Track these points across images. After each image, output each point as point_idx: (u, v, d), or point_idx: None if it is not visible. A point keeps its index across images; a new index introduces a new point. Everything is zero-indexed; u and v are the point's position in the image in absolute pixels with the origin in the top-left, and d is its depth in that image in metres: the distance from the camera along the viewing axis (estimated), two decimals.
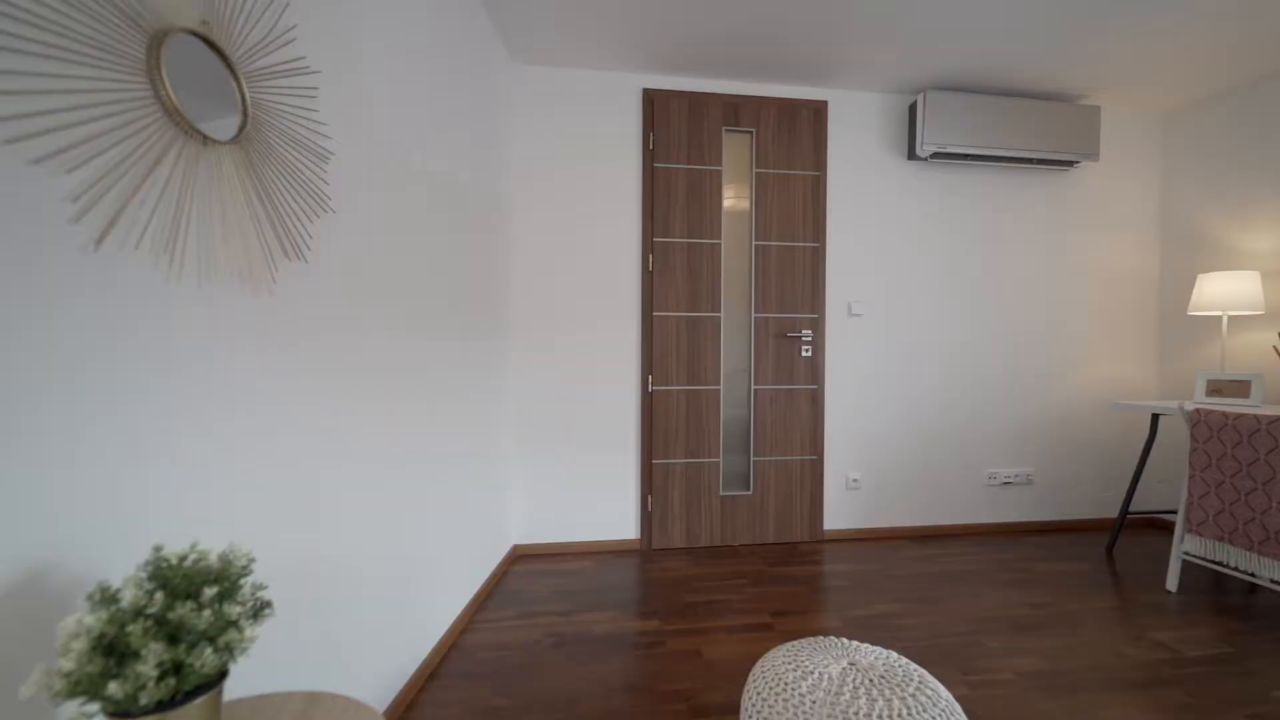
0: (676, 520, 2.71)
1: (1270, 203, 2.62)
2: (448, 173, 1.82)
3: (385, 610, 1.43)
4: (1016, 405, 3.01)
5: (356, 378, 1.29)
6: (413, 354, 1.58)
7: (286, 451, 1.06)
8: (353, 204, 1.27)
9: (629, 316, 2.69)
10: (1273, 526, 1.90)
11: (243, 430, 0.95)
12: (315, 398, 1.14)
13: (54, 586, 0.66)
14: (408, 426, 1.54)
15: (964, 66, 2.59)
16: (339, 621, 1.23)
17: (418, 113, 1.60)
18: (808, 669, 1.16)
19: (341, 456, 1.23)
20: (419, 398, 1.61)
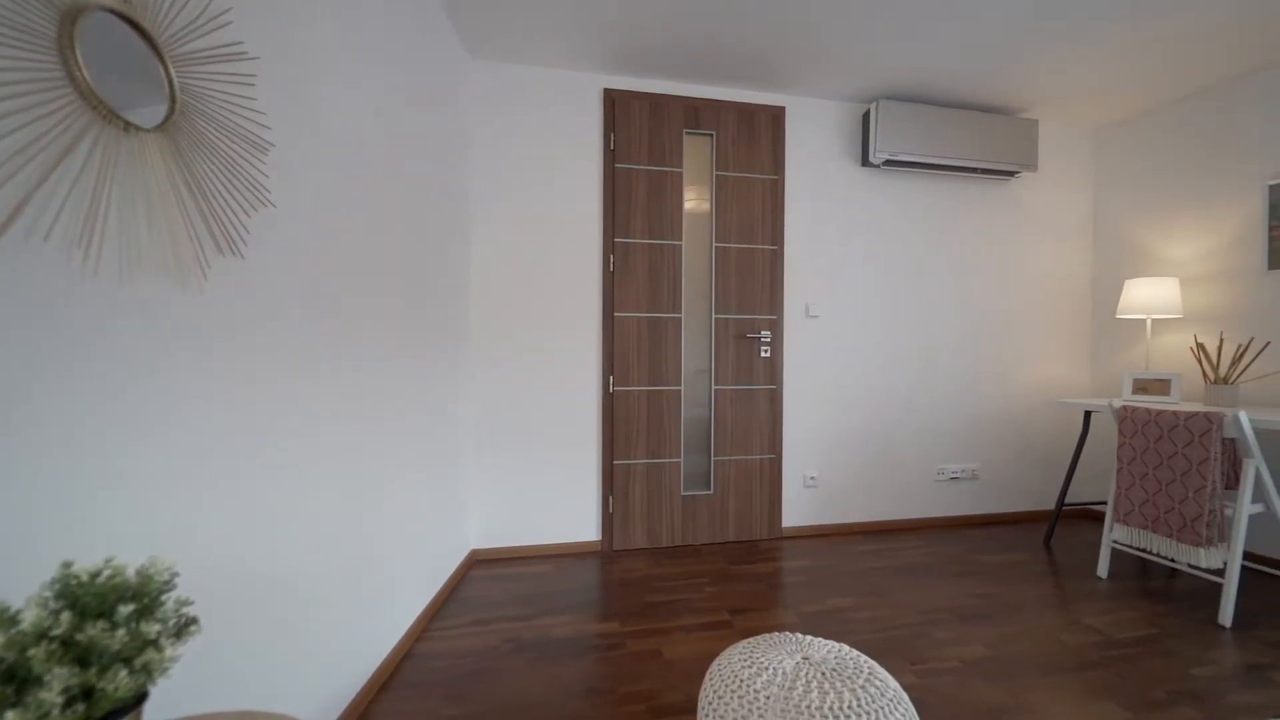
0: (638, 521, 2.71)
1: (1187, 214, 2.83)
2: (402, 168, 1.77)
3: (334, 621, 1.37)
4: (963, 404, 3.14)
5: (300, 380, 1.24)
6: (363, 355, 1.52)
7: (220, 461, 1.00)
8: (297, 198, 1.22)
9: (590, 317, 2.68)
10: (1189, 515, 2.04)
11: (171, 437, 0.89)
12: (252, 401, 1.08)
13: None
14: (357, 431, 1.49)
15: (914, 78, 2.69)
16: (285, 634, 1.17)
17: (369, 105, 1.55)
18: (762, 665, 1.17)
19: (282, 464, 1.18)
20: (369, 401, 1.56)
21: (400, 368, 1.77)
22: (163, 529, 0.88)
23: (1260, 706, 1.51)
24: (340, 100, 1.40)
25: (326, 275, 1.34)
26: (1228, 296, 2.66)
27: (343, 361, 1.42)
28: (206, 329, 0.96)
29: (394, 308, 1.72)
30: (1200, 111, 2.77)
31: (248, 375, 1.07)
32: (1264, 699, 1.54)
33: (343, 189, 1.41)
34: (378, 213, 1.61)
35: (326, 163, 1.34)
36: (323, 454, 1.33)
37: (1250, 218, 2.58)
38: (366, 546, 1.55)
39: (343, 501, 1.42)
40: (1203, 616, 2.02)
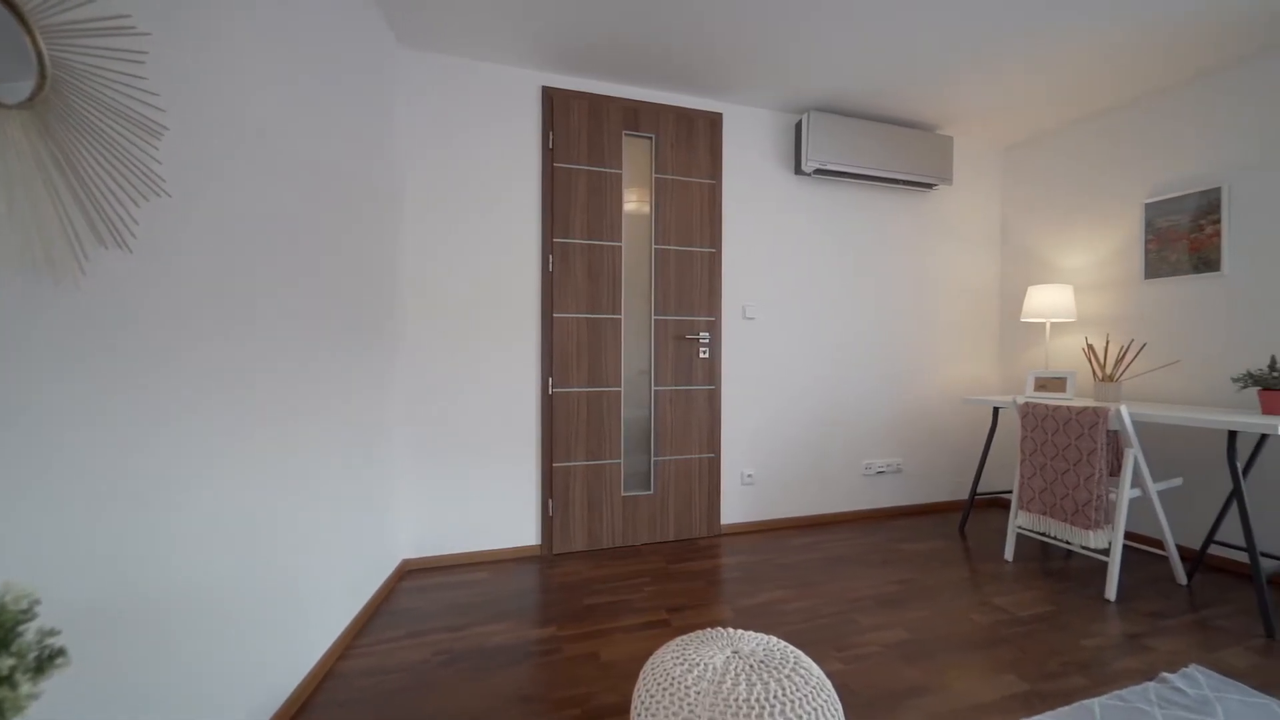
0: (578, 523, 2.69)
1: (1080, 227, 3.12)
2: (323, 159, 1.67)
3: (240, 645, 1.28)
4: (888, 401, 3.32)
5: (200, 383, 1.14)
6: (276, 356, 1.43)
7: (90, 475, 0.91)
8: (197, 187, 1.12)
9: (528, 317, 2.63)
10: (1080, 501, 2.25)
11: (36, 445, 0.80)
12: (134, 405, 0.99)
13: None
14: (268, 439, 1.39)
15: (843, 93, 2.82)
16: (176, 663, 1.08)
17: (283, 90, 1.45)
18: (693, 661, 1.19)
19: (169, 476, 1.09)
20: (283, 406, 1.46)
21: (321, 369, 1.67)
22: (17, 552, 0.79)
23: (1137, 671, 1.68)
24: (249, 83, 1.31)
25: (234, 271, 1.25)
26: (1113, 302, 2.95)
27: (252, 363, 1.32)
28: (83, 329, 0.87)
29: (314, 306, 1.62)
30: (1091, 136, 3.07)
31: (133, 378, 0.98)
32: (1141, 664, 1.72)
33: (253, 179, 1.32)
34: (294, 206, 1.51)
35: (233, 150, 1.25)
36: (221, 463, 1.23)
37: (1131, 232, 2.87)
38: (280, 562, 1.45)
39: (248, 514, 1.33)
40: (1092, 592, 2.23)
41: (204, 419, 1.15)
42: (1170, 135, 2.70)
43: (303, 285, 1.56)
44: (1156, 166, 2.76)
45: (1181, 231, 2.65)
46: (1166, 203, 2.70)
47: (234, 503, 1.26)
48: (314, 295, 1.63)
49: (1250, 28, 2.23)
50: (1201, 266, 2.58)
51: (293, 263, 1.50)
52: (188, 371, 1.10)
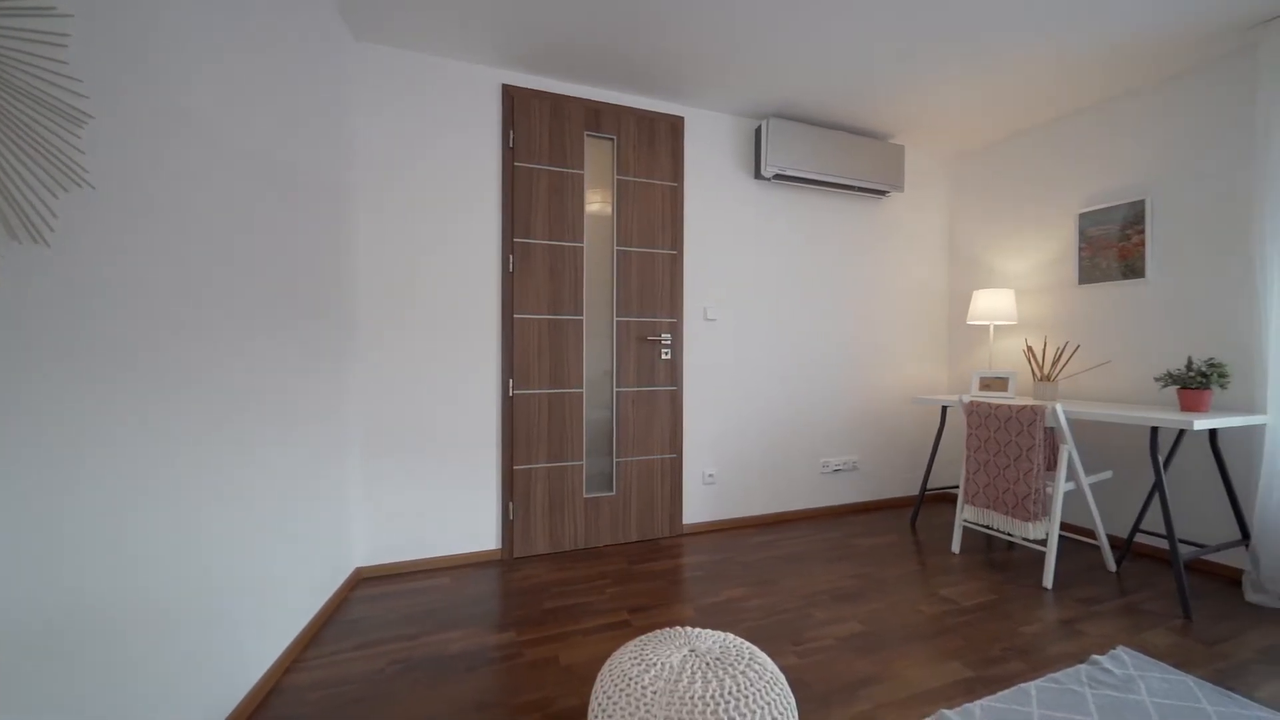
0: (540, 526, 2.67)
1: (1021, 235, 3.29)
2: (270, 153, 1.61)
3: (171, 664, 1.21)
4: (844, 401, 3.42)
5: (135, 386, 1.08)
6: (216, 356, 1.36)
7: (16, 481, 0.85)
8: (127, 179, 1.06)
9: (488, 317, 2.60)
10: (1020, 494, 2.37)
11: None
12: (62, 412, 0.93)
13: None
14: (208, 445, 1.33)
15: (801, 101, 2.90)
16: (92, 687, 1.02)
17: (228, 81, 1.39)
18: (651, 661, 1.20)
19: (108, 485, 1.02)
20: (225, 410, 1.40)
21: (268, 372, 1.60)
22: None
23: (1070, 654, 1.78)
24: (185, 71, 1.25)
25: (169, 267, 1.18)
26: (1050, 306, 3.12)
27: (191, 366, 1.26)
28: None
29: (261, 305, 1.56)
30: (1031, 147, 3.24)
31: (53, 375, 0.92)
32: (1074, 647, 1.82)
33: (189, 173, 1.26)
34: (238, 201, 1.45)
35: (168, 142, 1.18)
36: (155, 472, 1.17)
37: (1067, 240, 3.04)
38: (219, 574, 1.39)
39: (183, 524, 1.26)
40: (1031, 581, 2.35)
41: (135, 426, 1.09)
42: (1102, 149, 2.88)
43: (248, 283, 1.49)
44: (1090, 178, 2.94)
45: (1111, 240, 2.83)
46: (1098, 213, 2.88)
47: (168, 514, 1.19)
48: (261, 293, 1.56)
49: (1175, 50, 2.40)
50: (1129, 273, 2.76)
51: (238, 259, 1.44)
52: (120, 377, 1.04)
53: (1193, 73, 2.53)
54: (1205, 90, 2.49)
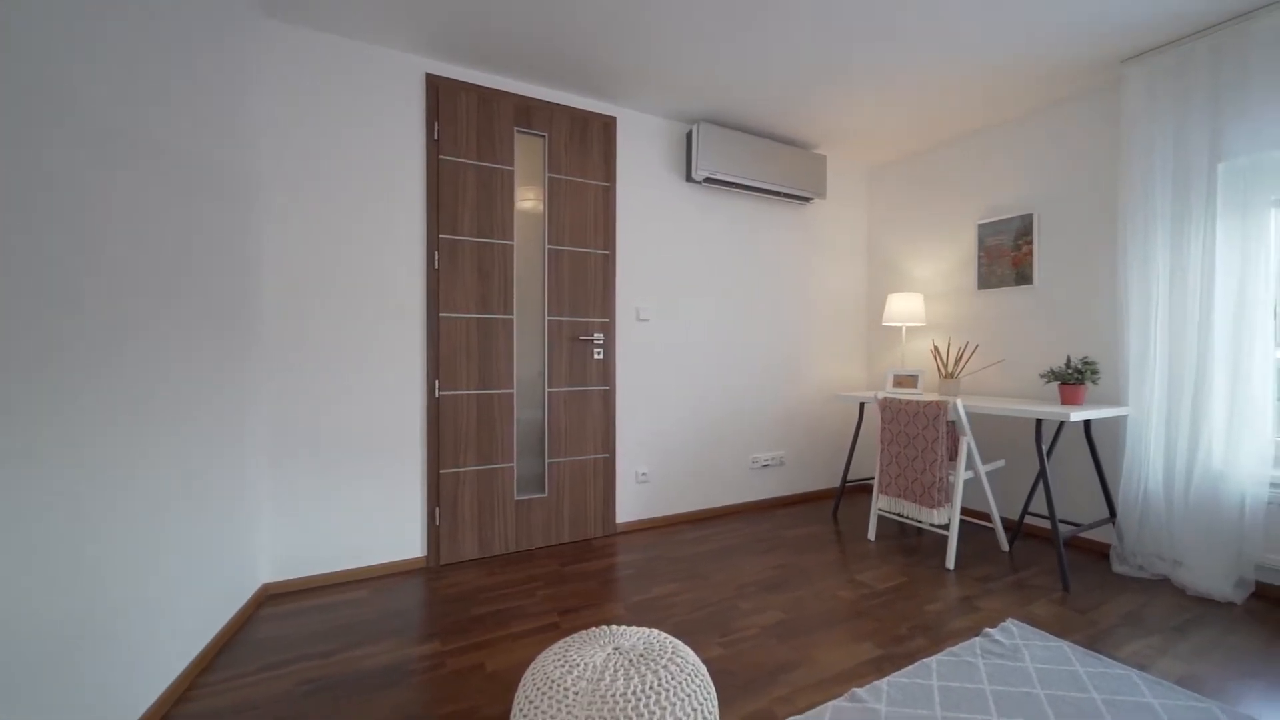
0: (468, 531, 2.59)
1: (930, 242, 3.54)
2: (153, 135, 1.46)
3: (47, 696, 1.08)
4: (772, 398, 3.55)
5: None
6: (77, 361, 1.22)
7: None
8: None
9: (412, 317, 2.49)
10: (926, 483, 2.55)
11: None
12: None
13: None
14: (78, 458, 1.19)
15: (730, 108, 2.98)
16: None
17: (100, 52, 1.25)
18: (574, 662, 1.19)
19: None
20: (102, 416, 1.26)
21: (157, 374, 1.46)
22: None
23: (967, 629, 1.94)
24: (47, 39, 1.11)
25: (20, 258, 1.05)
26: (954, 309, 3.39)
27: (37, 370, 1.12)
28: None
29: (141, 302, 1.41)
30: (939, 161, 3.49)
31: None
32: (970, 622, 1.99)
33: (45, 155, 1.12)
34: (109, 187, 1.31)
35: (18, 114, 1.05)
36: (30, 492, 1.04)
37: (968, 248, 3.31)
38: (91, 597, 1.25)
39: (55, 541, 1.13)
40: (936, 563, 2.54)
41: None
42: (999, 165, 3.16)
43: (130, 276, 1.35)
44: (988, 192, 3.21)
45: (1006, 249, 3.11)
46: (995, 224, 3.15)
47: (40, 534, 1.06)
48: (143, 291, 1.42)
49: (1057, 79, 2.66)
50: (1020, 280, 3.03)
51: (121, 252, 1.30)
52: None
53: (1073, 100, 2.82)
54: (1082, 117, 2.78)
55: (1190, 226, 2.27)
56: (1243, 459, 2.14)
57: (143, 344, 1.42)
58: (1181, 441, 2.30)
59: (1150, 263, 2.38)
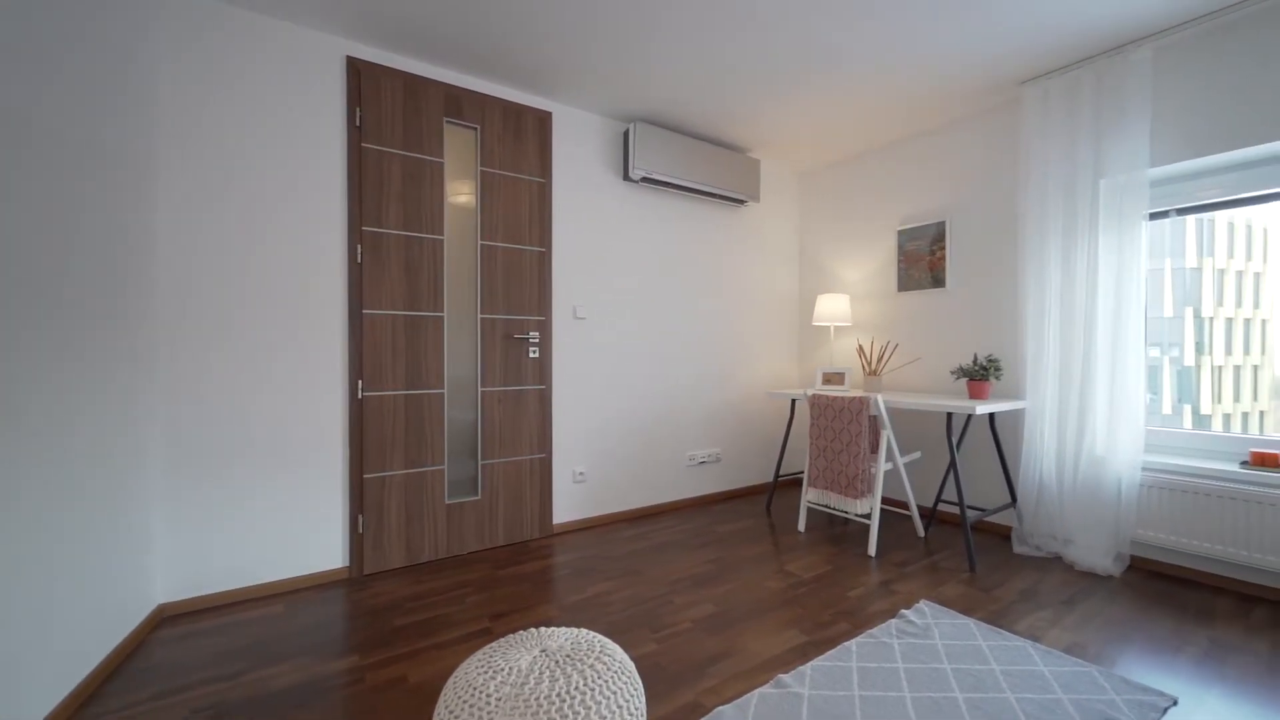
0: (395, 537, 2.48)
1: (855, 246, 3.72)
2: (12, 104, 1.30)
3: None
4: (707, 396, 3.62)
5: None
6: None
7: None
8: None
9: (333, 313, 2.35)
10: (851, 475, 2.68)
11: None
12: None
13: None
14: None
15: (667, 110, 3.00)
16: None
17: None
18: (498, 667, 1.16)
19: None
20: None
21: (21, 383, 1.30)
22: None
23: (885, 611, 2.05)
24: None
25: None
26: (877, 310, 3.58)
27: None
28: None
29: (14, 294, 1.25)
30: (863, 169, 3.67)
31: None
32: (888, 605, 2.10)
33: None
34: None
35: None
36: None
37: (889, 252, 3.50)
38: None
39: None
40: (859, 551, 2.67)
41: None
42: (916, 175, 3.36)
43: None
44: (907, 200, 3.40)
45: (922, 254, 3.31)
46: (912, 230, 3.35)
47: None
48: (14, 283, 1.26)
49: (965, 97, 2.86)
50: (935, 283, 3.24)
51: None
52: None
53: (980, 116, 3.04)
54: (988, 132, 3.00)
55: (1078, 236, 2.51)
56: (1120, 446, 2.38)
57: (10, 348, 1.26)
58: (1070, 431, 2.53)
59: (1044, 269, 2.60)
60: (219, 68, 2.12)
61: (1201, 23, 2.17)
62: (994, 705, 1.48)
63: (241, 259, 2.17)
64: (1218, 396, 2.73)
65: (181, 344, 2.06)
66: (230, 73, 2.14)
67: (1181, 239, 2.88)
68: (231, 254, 2.15)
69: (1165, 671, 1.66)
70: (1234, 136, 2.18)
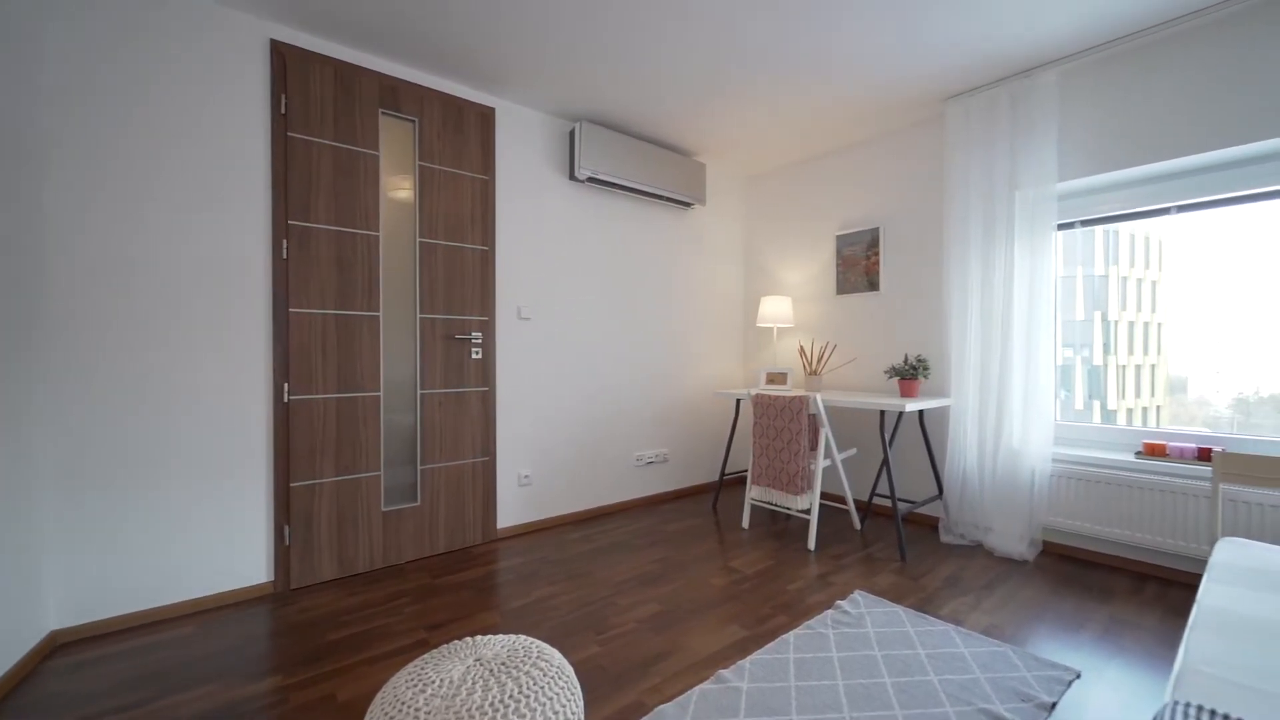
0: (326, 548, 2.35)
1: (797, 250, 3.83)
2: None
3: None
4: (655, 397, 3.64)
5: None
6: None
7: None
8: None
9: (255, 312, 2.21)
10: (792, 472, 2.76)
11: None
12: None
13: None
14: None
15: (612, 110, 3.00)
16: None
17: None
18: (428, 680, 1.12)
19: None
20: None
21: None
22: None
23: (822, 603, 2.12)
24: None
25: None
26: (817, 311, 3.70)
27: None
28: None
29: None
30: (806, 176, 3.79)
31: None
32: (825, 597, 2.17)
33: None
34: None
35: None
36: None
37: (828, 257, 3.63)
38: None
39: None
40: (799, 546, 2.75)
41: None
42: (853, 182, 3.50)
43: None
44: (845, 206, 3.54)
45: (859, 258, 3.45)
46: (850, 235, 3.49)
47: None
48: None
49: (897, 110, 3.01)
50: (870, 286, 3.39)
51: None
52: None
53: (911, 129, 3.20)
54: (916, 144, 3.17)
55: (996, 245, 2.68)
56: (1033, 439, 2.57)
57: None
58: (990, 427, 2.71)
59: (966, 275, 2.77)
60: (129, 45, 1.95)
61: (1099, 51, 2.37)
62: (919, 688, 1.56)
63: (154, 252, 2.00)
64: (1122, 393, 3.01)
65: (80, 344, 1.88)
66: (141, 51, 1.97)
67: (1091, 248, 3.14)
68: (142, 246, 1.98)
69: (1070, 647, 1.80)
70: (1128, 156, 2.39)
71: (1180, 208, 2.42)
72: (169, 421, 2.03)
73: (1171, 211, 2.45)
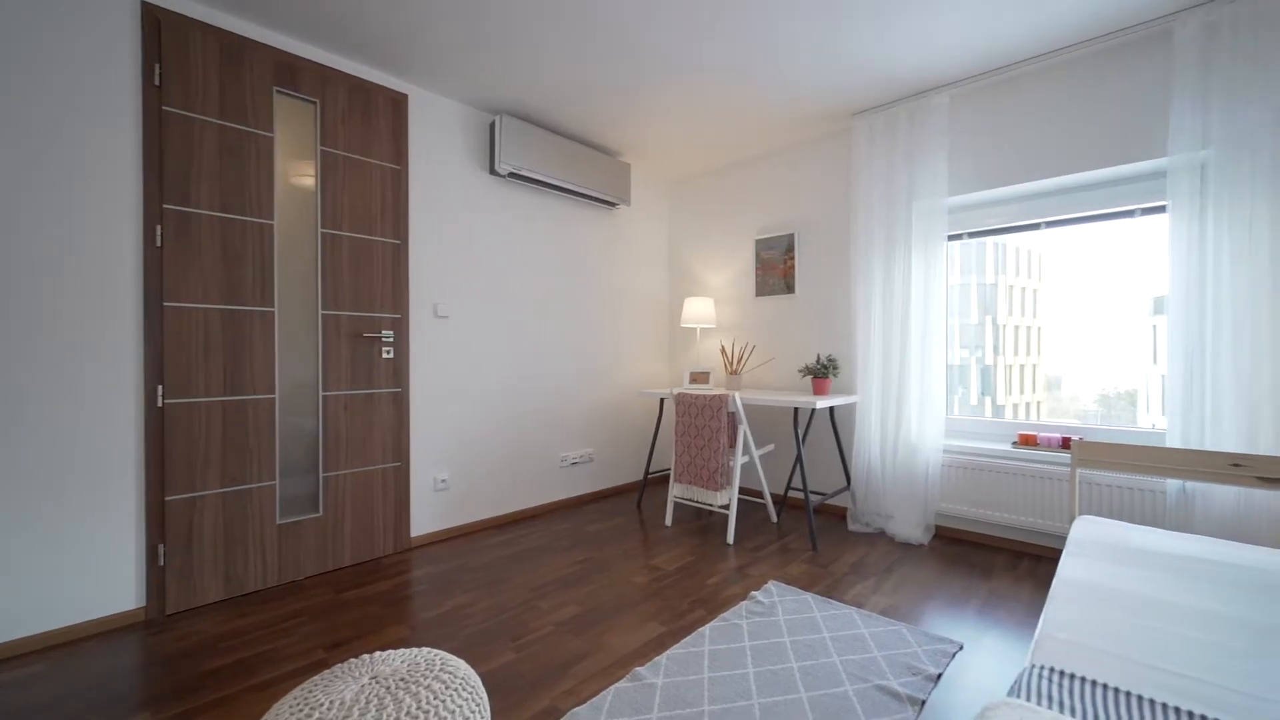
0: (210, 567, 2.13)
1: (720, 253, 3.94)
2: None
3: None
4: (580, 396, 3.61)
5: None
6: None
7: None
8: None
9: (122, 305, 1.96)
10: (712, 469, 2.83)
11: None
12: None
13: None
14: None
15: (534, 104, 2.94)
16: None
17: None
18: (317, 704, 1.04)
19: None
20: None
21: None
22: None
23: (738, 595, 2.18)
24: None
25: None
26: (738, 313, 3.82)
27: None
28: None
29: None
30: (727, 181, 3.90)
31: None
32: (741, 589, 2.24)
33: None
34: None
35: None
36: None
37: (748, 260, 3.76)
38: None
39: None
40: (719, 541, 2.83)
41: None
42: (771, 189, 3.64)
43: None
44: (764, 211, 3.68)
45: (776, 263, 3.60)
46: (768, 239, 3.63)
47: None
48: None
49: (816, 120, 3.15)
50: (786, 289, 3.54)
51: None
52: None
53: (823, 140, 3.38)
54: (829, 155, 3.35)
55: (895, 253, 2.88)
56: (927, 432, 2.78)
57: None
58: (891, 421, 2.91)
59: (870, 280, 2.96)
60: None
61: (983, 79, 2.61)
62: (823, 670, 1.64)
63: (3, 238, 1.73)
64: (1009, 390, 3.33)
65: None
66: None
67: (984, 259, 3.45)
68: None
69: (955, 621, 1.96)
70: (1006, 175, 2.65)
71: (1049, 223, 2.71)
72: (23, 433, 1.76)
73: (1042, 226, 2.74)
